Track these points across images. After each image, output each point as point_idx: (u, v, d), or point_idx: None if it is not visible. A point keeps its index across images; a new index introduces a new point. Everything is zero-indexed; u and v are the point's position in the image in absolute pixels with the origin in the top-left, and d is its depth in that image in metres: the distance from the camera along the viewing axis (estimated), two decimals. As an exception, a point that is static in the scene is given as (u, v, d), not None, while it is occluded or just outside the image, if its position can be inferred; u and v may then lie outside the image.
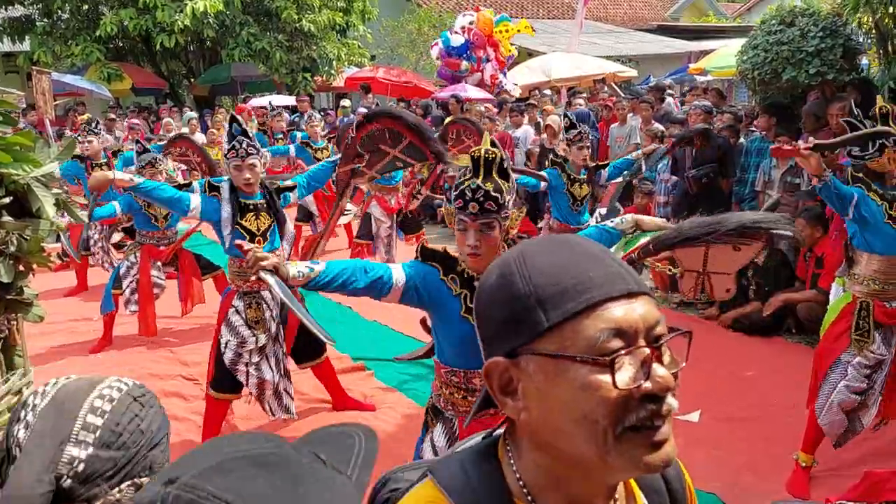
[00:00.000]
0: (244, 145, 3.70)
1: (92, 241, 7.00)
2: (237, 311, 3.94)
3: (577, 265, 0.84)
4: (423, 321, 3.26)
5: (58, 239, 7.87)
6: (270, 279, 2.25)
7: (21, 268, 2.06)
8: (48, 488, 0.92)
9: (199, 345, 5.63)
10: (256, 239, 3.83)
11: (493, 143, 2.42)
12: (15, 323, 2.09)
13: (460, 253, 2.38)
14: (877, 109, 3.34)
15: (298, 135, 8.38)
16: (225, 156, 3.85)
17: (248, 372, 3.90)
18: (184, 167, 7.17)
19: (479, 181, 2.29)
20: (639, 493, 0.95)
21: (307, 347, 4.20)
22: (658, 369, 0.81)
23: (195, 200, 3.76)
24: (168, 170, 6.35)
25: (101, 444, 0.95)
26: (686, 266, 2.71)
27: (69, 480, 0.93)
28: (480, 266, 2.31)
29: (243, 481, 0.64)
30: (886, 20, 6.22)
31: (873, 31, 6.41)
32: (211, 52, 16.55)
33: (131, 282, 5.61)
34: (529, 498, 0.87)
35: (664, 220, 2.88)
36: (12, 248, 2.01)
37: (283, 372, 4.09)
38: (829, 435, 3.52)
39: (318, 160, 6.40)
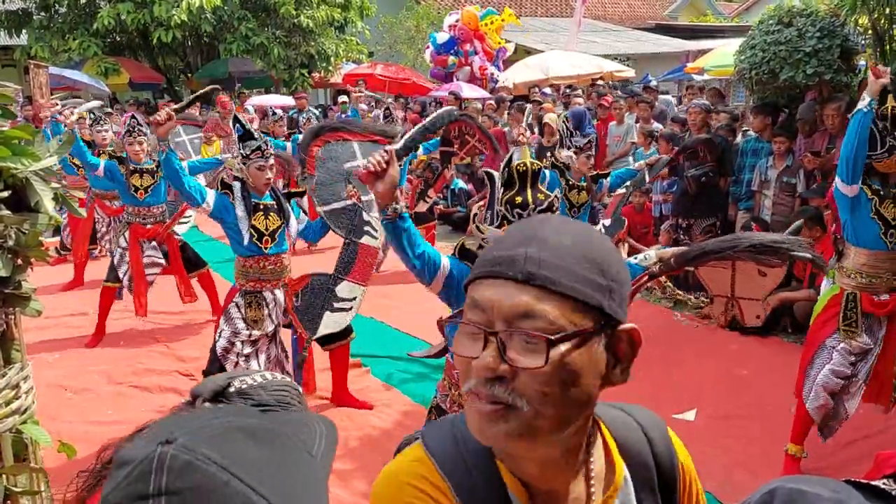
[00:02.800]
0: (269, 147, 3.88)
1: (99, 235, 7.01)
2: (238, 307, 4.00)
3: (508, 242, 0.88)
4: (439, 322, 3.30)
5: (56, 233, 7.88)
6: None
7: (19, 262, 2.06)
8: None
9: (195, 340, 5.63)
10: (265, 239, 3.92)
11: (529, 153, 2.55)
12: (13, 317, 2.08)
13: None
14: (888, 109, 3.38)
15: (301, 137, 8.41)
16: (245, 156, 3.88)
17: (237, 363, 3.94)
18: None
19: (528, 196, 2.48)
20: (621, 465, 0.96)
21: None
22: (485, 354, 0.83)
23: (210, 196, 3.84)
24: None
25: None
26: (714, 291, 2.77)
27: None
28: None
29: (236, 448, 0.64)
30: (883, 21, 6.24)
31: (870, 32, 6.42)
32: (208, 47, 16.50)
33: (127, 269, 5.60)
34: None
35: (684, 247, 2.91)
36: (10, 243, 2.00)
37: (280, 370, 4.09)
38: (816, 418, 3.59)
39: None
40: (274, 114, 10.46)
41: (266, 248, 3.97)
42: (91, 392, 4.74)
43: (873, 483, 0.77)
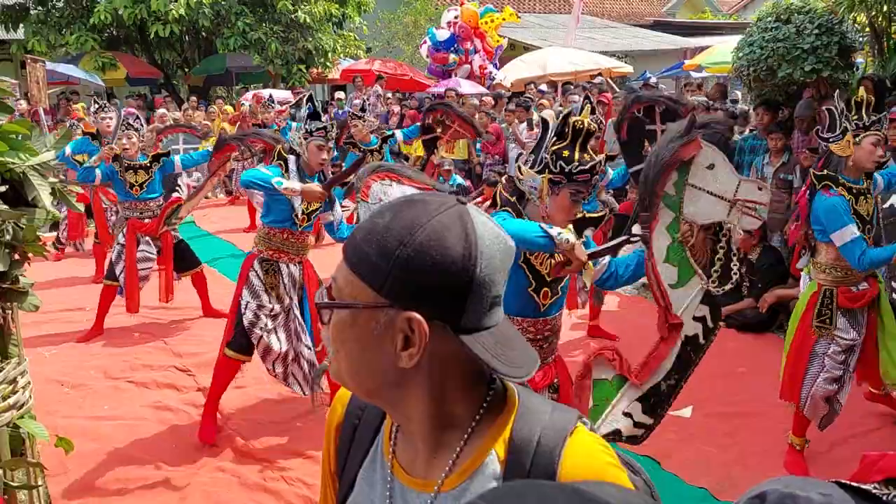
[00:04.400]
0: (333, 130, 3.98)
1: (111, 228, 7.00)
2: (256, 275, 4.03)
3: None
4: None
5: (53, 228, 7.86)
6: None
7: (17, 256, 2.06)
8: None
9: (191, 336, 5.63)
10: (302, 216, 4.01)
11: (592, 111, 2.59)
12: (10, 312, 2.08)
13: (554, 219, 2.57)
14: (857, 98, 3.48)
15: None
16: (309, 132, 3.92)
17: (260, 336, 3.97)
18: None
19: (575, 153, 2.55)
20: (487, 453, 0.95)
21: None
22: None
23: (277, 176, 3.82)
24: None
25: None
26: (719, 193, 2.71)
27: None
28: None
29: None
30: (880, 18, 6.25)
31: (867, 29, 6.44)
32: (206, 42, 16.45)
33: (123, 267, 5.59)
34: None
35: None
36: (8, 237, 2.00)
37: (303, 345, 4.09)
38: (815, 421, 3.66)
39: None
40: (270, 98, 10.53)
41: (301, 225, 4.04)
42: (88, 387, 4.74)
43: (864, 487, 0.77)
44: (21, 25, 14.95)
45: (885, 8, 6.06)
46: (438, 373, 0.93)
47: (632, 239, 3.01)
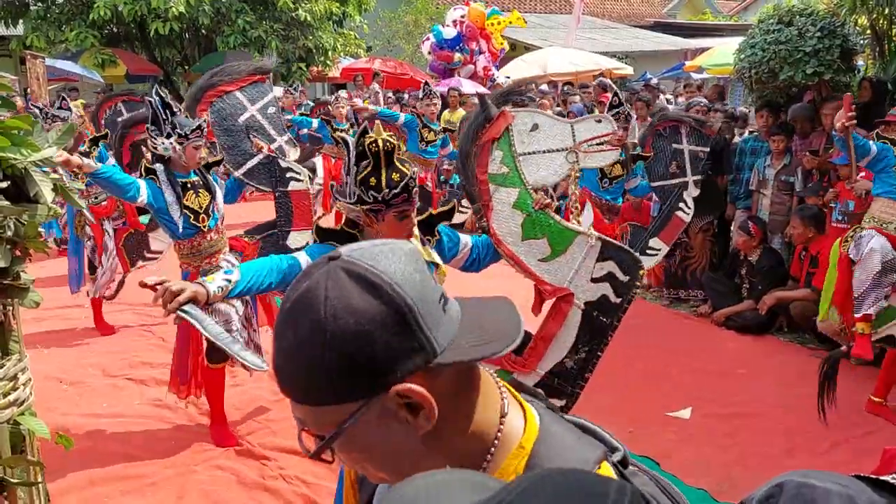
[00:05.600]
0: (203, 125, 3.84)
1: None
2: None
3: None
4: None
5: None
6: (188, 316, 1.99)
7: (18, 253, 2.05)
8: None
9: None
10: (201, 217, 3.83)
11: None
12: (11, 308, 2.07)
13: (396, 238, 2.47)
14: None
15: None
16: (185, 135, 3.73)
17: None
18: None
19: (383, 177, 2.37)
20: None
21: None
22: None
23: (143, 187, 3.70)
24: None
25: None
26: None
27: None
28: None
29: None
30: (882, 21, 6.25)
31: (868, 32, 6.43)
32: (206, 39, 16.42)
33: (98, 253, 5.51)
34: None
35: None
36: (9, 233, 1.99)
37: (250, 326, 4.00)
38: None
39: (336, 141, 6.45)
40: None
41: (203, 226, 3.85)
42: (86, 384, 4.73)
43: (883, 478, 0.77)
44: (20, 21, 14.92)
45: (886, 10, 6.06)
46: (448, 411, 0.82)
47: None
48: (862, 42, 6.37)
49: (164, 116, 3.66)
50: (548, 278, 2.55)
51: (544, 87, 12.69)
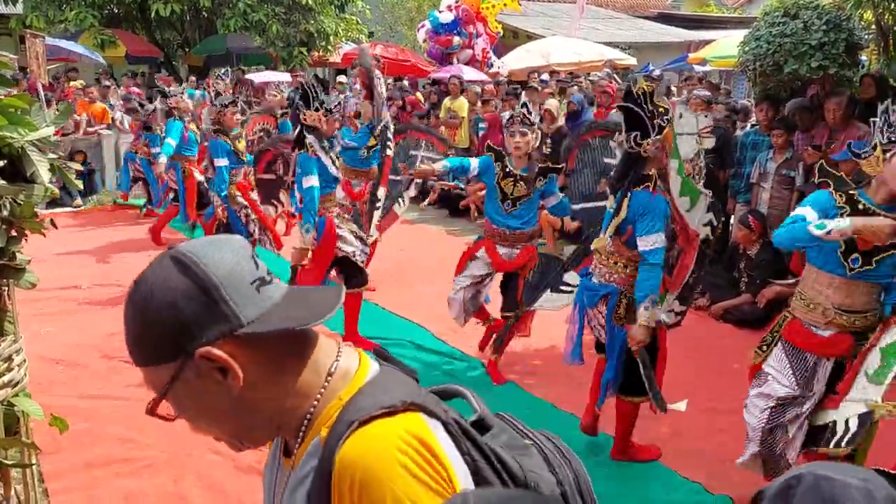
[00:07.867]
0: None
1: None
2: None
3: None
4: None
5: (52, 205, 7.80)
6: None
7: (14, 233, 2.03)
8: None
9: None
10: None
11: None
12: (6, 289, 2.06)
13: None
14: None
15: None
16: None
17: None
18: None
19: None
20: (324, 431, 0.98)
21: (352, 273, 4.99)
22: None
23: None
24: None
25: None
26: None
27: None
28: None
29: None
30: (887, 16, 6.21)
31: (874, 27, 6.40)
32: (207, 22, 16.32)
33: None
34: None
35: None
36: (5, 213, 1.97)
37: None
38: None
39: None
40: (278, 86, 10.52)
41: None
42: (82, 366, 4.72)
43: None
44: (20, 0, 14.80)
45: (892, 5, 6.02)
46: (266, 374, 0.98)
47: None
48: (867, 37, 6.34)
49: (313, 95, 4.64)
50: (689, 223, 3.46)
51: (546, 76, 12.62)
